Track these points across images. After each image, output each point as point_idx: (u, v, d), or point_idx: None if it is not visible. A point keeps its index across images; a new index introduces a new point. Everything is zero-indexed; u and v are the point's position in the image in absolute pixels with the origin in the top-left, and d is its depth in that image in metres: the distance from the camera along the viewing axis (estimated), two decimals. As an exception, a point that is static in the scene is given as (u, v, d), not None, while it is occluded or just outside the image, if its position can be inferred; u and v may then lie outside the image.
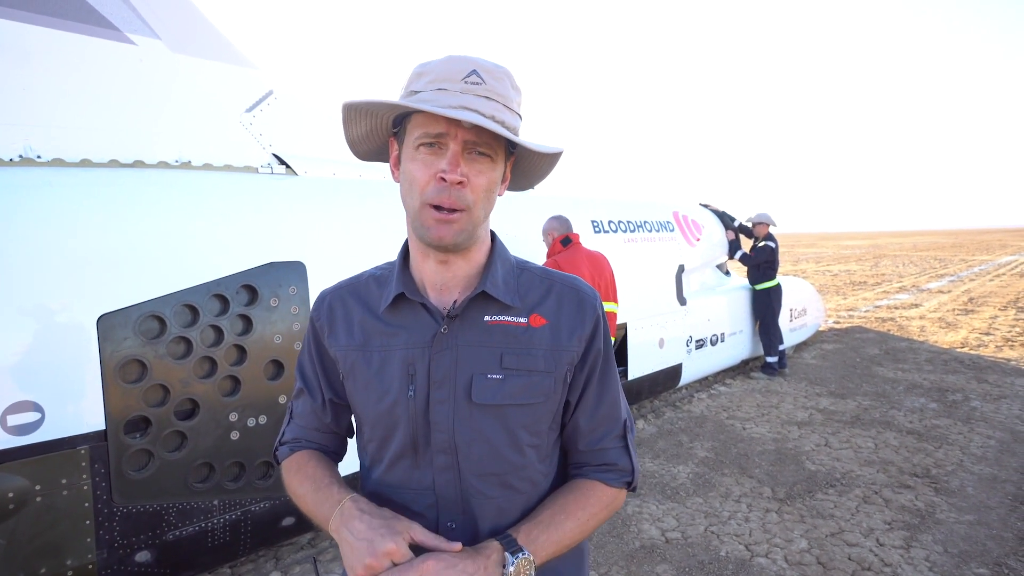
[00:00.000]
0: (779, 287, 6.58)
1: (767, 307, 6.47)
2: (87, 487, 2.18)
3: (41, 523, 2.09)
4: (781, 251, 6.76)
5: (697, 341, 5.70)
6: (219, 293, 2.48)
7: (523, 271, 1.00)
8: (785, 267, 23.01)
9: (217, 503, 2.51)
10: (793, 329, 7.25)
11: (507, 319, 0.94)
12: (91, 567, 2.19)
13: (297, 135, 3.24)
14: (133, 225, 2.37)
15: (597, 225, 4.74)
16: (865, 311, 11.37)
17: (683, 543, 3.11)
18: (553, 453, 1.01)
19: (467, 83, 0.84)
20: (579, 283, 1.00)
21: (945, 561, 2.88)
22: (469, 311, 0.94)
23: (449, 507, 0.93)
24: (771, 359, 6.45)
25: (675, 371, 5.41)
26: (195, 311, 2.42)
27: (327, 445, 1.09)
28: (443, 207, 0.85)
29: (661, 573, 2.85)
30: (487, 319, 0.94)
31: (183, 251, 2.45)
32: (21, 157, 2.35)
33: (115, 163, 2.57)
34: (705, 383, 6.30)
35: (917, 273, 20.40)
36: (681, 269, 5.48)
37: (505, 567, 0.83)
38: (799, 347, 7.87)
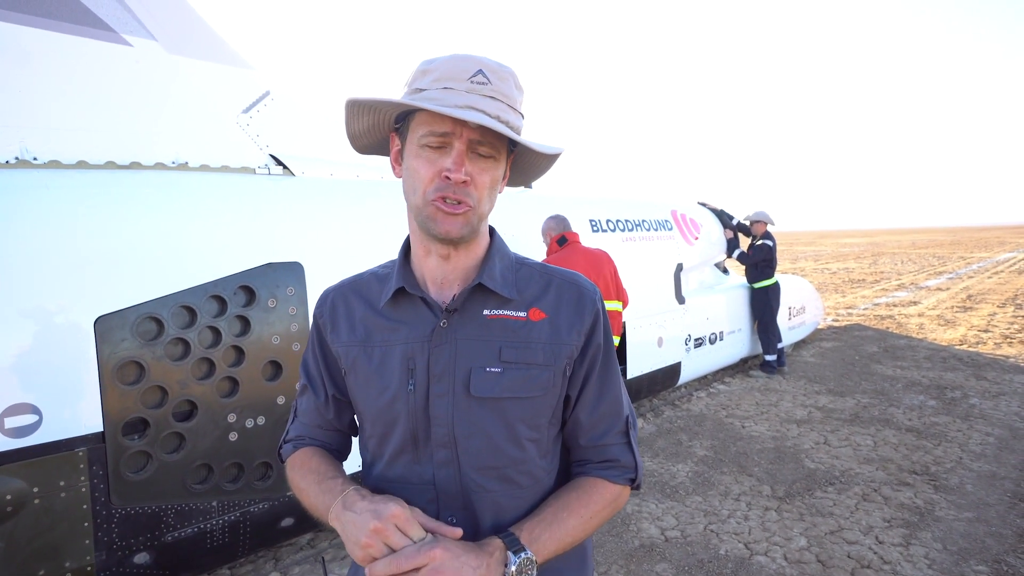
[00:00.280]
0: (777, 285, 6.58)
1: (766, 305, 6.47)
2: (85, 489, 2.18)
3: (39, 525, 2.09)
4: (779, 249, 6.76)
5: (696, 340, 5.70)
6: (217, 294, 2.48)
7: (522, 266, 1.01)
8: (783, 265, 23.02)
9: (216, 504, 2.51)
10: (792, 327, 7.25)
11: (506, 313, 0.95)
12: (89, 569, 2.19)
13: (294, 136, 3.24)
14: (130, 226, 2.36)
15: (595, 224, 4.74)
16: (864, 309, 11.38)
17: (682, 542, 3.11)
18: (554, 448, 1.01)
19: (473, 83, 0.85)
20: (579, 278, 1.01)
21: (944, 558, 2.88)
22: (468, 305, 0.94)
23: (449, 502, 0.93)
24: (770, 357, 6.46)
25: (674, 370, 5.41)
26: (193, 312, 2.42)
27: (331, 442, 1.09)
28: (448, 198, 0.86)
29: (660, 572, 2.85)
30: (486, 313, 0.94)
31: (180, 252, 2.44)
32: (17, 159, 2.34)
33: (112, 164, 2.57)
34: (704, 382, 6.30)
35: (916, 271, 20.42)
36: (679, 268, 5.48)
37: (507, 566, 0.83)
38: (798, 345, 7.87)
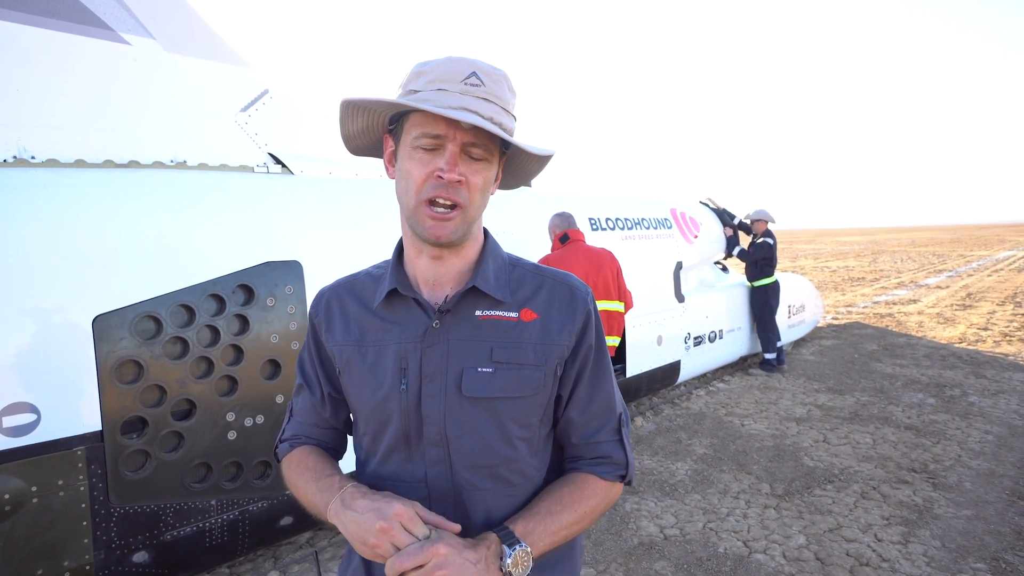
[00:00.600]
0: (777, 284, 6.58)
1: (765, 304, 6.48)
2: (84, 488, 2.18)
3: (38, 524, 2.08)
4: (779, 248, 6.76)
5: (695, 338, 5.70)
6: (215, 293, 2.48)
7: (515, 267, 1.02)
8: (783, 264, 23.02)
9: (215, 503, 2.50)
10: (791, 325, 7.25)
11: (498, 314, 0.96)
12: (88, 568, 2.19)
13: (293, 134, 3.23)
14: (128, 225, 2.36)
15: (594, 223, 4.74)
16: (863, 307, 11.39)
17: (681, 540, 3.11)
18: (545, 447, 1.02)
19: (467, 84, 0.86)
20: (571, 279, 1.02)
21: (943, 556, 2.89)
22: (461, 306, 0.95)
23: (441, 500, 0.94)
24: (769, 356, 6.46)
25: (673, 368, 5.41)
26: (191, 311, 2.41)
27: (327, 441, 1.10)
28: (440, 200, 0.86)
29: (659, 570, 2.85)
30: (478, 314, 0.95)
31: (179, 251, 2.44)
32: (15, 158, 2.34)
33: (110, 163, 2.56)
34: (704, 380, 6.30)
35: (915, 269, 20.43)
36: (679, 266, 5.48)
37: (503, 559, 0.85)
38: (797, 343, 7.87)
